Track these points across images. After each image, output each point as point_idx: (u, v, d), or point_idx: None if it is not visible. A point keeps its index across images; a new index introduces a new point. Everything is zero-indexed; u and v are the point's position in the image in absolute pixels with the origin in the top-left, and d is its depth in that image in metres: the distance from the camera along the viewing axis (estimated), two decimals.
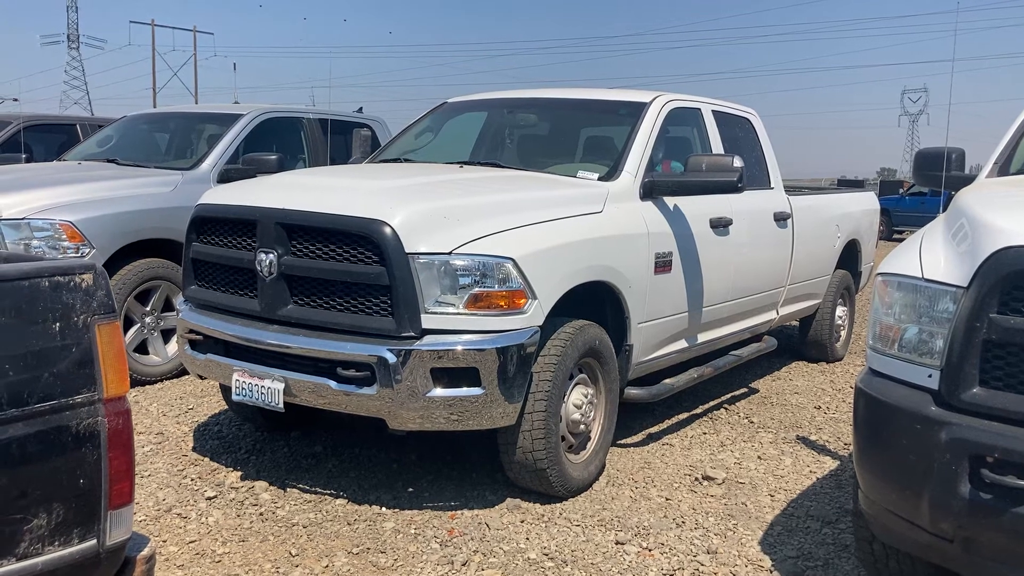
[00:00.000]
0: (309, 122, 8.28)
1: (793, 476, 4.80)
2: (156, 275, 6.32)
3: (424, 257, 3.80)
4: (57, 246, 5.88)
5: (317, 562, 3.63)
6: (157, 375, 6.36)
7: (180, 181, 6.81)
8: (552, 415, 4.11)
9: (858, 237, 7.94)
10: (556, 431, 4.17)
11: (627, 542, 3.87)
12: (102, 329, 1.98)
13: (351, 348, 3.89)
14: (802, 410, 6.14)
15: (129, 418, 2.02)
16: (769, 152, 6.58)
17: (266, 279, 4.13)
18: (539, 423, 4.06)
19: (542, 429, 4.07)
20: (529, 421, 4.06)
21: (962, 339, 2.65)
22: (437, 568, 3.59)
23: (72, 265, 1.95)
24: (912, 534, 2.80)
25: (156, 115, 8.90)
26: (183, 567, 3.57)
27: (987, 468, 2.54)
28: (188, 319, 4.55)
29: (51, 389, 1.89)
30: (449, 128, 6.26)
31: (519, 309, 3.93)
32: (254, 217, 4.19)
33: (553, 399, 4.11)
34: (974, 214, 2.89)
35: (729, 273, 5.61)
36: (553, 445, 4.14)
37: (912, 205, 25.70)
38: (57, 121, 10.86)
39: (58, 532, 1.90)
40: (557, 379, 4.12)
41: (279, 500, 4.24)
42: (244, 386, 4.18)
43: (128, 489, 2.02)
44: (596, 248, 4.42)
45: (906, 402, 2.77)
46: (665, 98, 5.52)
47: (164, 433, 5.18)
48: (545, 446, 4.09)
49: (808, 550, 3.86)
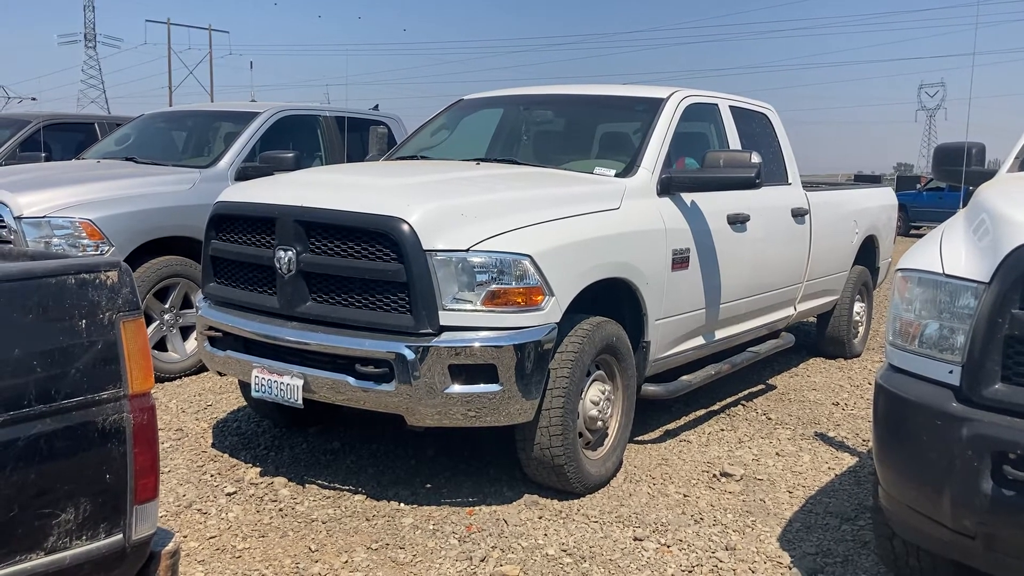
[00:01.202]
0: (326, 120, 8.30)
1: (811, 472, 4.78)
2: (174, 272, 6.37)
3: (442, 254, 3.82)
4: (77, 244, 5.93)
5: (336, 557, 3.65)
6: (176, 372, 6.40)
7: (198, 179, 6.85)
8: (570, 411, 4.12)
9: (876, 233, 7.89)
10: (574, 427, 4.17)
11: (645, 538, 3.87)
12: (127, 326, 2.00)
13: (370, 344, 3.91)
14: (820, 406, 6.12)
15: (154, 414, 2.05)
16: (786, 147, 6.54)
17: (285, 276, 4.15)
18: (556, 419, 4.07)
19: (560, 425, 4.07)
20: (547, 417, 4.06)
21: (984, 335, 2.64)
22: (456, 564, 3.60)
23: (98, 263, 1.97)
24: (933, 531, 2.79)
25: (174, 113, 8.97)
26: (203, 562, 3.60)
27: (1009, 464, 2.53)
28: (207, 316, 4.58)
29: (77, 385, 1.91)
30: (465, 125, 6.27)
31: (536, 306, 3.94)
32: (273, 215, 4.22)
33: (571, 396, 4.11)
34: (995, 209, 2.88)
35: (746, 269, 5.59)
36: (571, 441, 4.14)
37: (930, 200, 25.57)
38: (75, 120, 10.95)
39: (85, 527, 1.93)
40: (575, 376, 4.13)
41: (298, 496, 4.26)
42: (263, 383, 4.20)
43: (153, 484, 2.04)
44: (613, 245, 4.42)
45: (927, 398, 2.76)
46: (682, 94, 5.50)
47: (183, 429, 5.22)
48: (563, 442, 4.09)
49: (827, 547, 3.85)
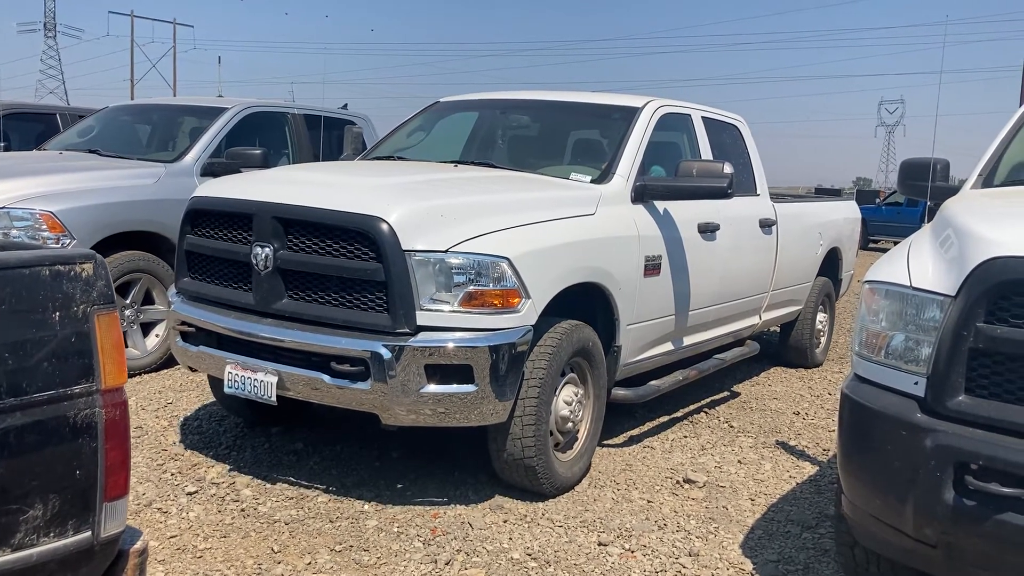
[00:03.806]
0: (294, 117, 8.24)
1: (773, 481, 4.84)
2: (137, 268, 6.28)
3: (420, 254, 3.84)
4: (37, 236, 5.81)
5: (299, 559, 3.62)
6: (136, 369, 6.30)
7: (163, 173, 6.76)
8: (543, 413, 4.16)
9: (839, 245, 8.04)
10: (546, 428, 4.21)
11: (610, 543, 3.88)
12: (101, 319, 1.96)
13: (346, 343, 3.92)
14: (781, 415, 6.19)
15: (126, 409, 2.01)
16: (756, 159, 6.65)
17: (261, 273, 4.15)
18: (530, 420, 4.10)
19: (532, 426, 4.10)
20: (520, 418, 4.10)
21: (949, 347, 2.69)
22: (420, 567, 3.59)
23: (73, 254, 1.93)
24: (895, 540, 2.84)
25: (139, 106, 8.82)
26: (164, 562, 3.54)
27: (971, 475, 2.58)
28: (181, 311, 4.56)
29: (49, 379, 1.87)
30: (441, 127, 6.31)
31: (513, 308, 3.97)
32: (250, 211, 4.22)
33: (544, 397, 4.16)
34: (962, 224, 2.94)
35: (715, 277, 5.68)
36: (543, 442, 4.18)
37: (888, 215, 25.98)
38: (36, 110, 10.73)
39: (53, 524, 1.88)
40: (549, 378, 4.17)
41: (261, 496, 4.22)
42: (237, 379, 4.19)
43: (124, 481, 2.00)
44: (588, 249, 4.47)
45: (892, 408, 2.81)
46: (657, 103, 5.58)
47: (143, 427, 5.14)
48: (535, 443, 4.13)
49: (789, 554, 3.89)
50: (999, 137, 4.12)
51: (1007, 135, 4.14)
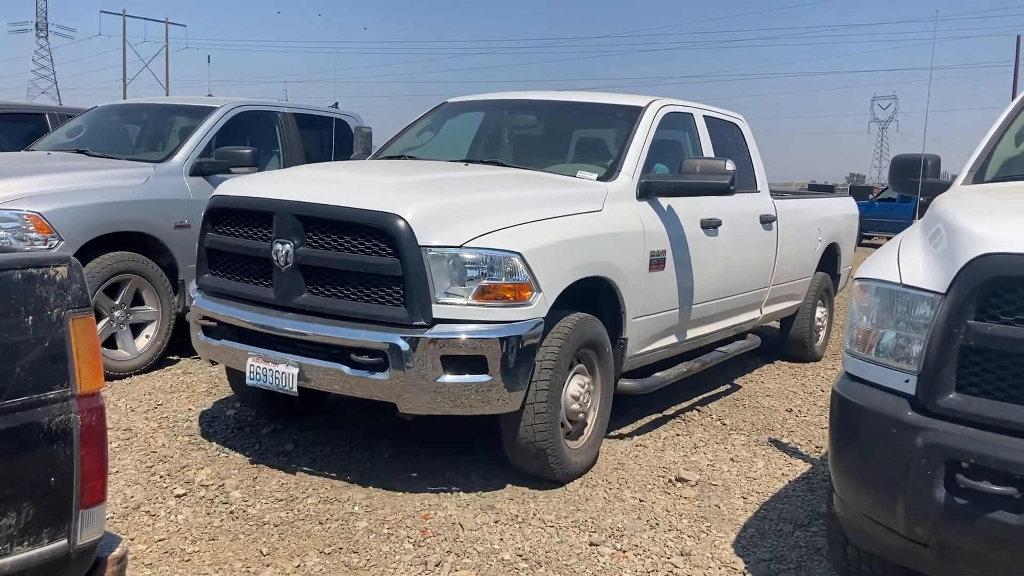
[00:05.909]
0: (284, 116, 8.20)
1: (765, 479, 4.82)
2: (126, 268, 6.23)
3: (436, 250, 3.98)
4: (24, 237, 5.77)
5: (288, 562, 3.59)
6: (126, 370, 6.26)
7: (152, 173, 6.71)
8: (553, 401, 4.29)
9: (838, 240, 8.14)
10: (557, 417, 4.34)
11: (601, 543, 3.86)
12: (76, 323, 1.93)
13: (365, 335, 4.06)
14: (774, 413, 6.18)
15: (103, 415, 1.97)
16: (756, 156, 6.77)
17: (282, 268, 4.29)
18: (541, 408, 4.23)
19: (544, 414, 4.23)
20: (532, 406, 4.23)
21: (939, 345, 2.67)
22: (410, 568, 3.56)
23: (47, 257, 1.89)
24: (887, 538, 2.82)
25: (128, 106, 8.76)
26: (151, 566, 3.51)
27: (962, 473, 2.56)
28: (203, 306, 4.71)
29: (22, 384, 1.83)
30: (449, 127, 6.43)
31: (525, 301, 4.12)
32: (271, 209, 4.35)
33: (554, 386, 4.29)
34: (953, 221, 2.92)
35: (718, 272, 5.79)
36: (554, 428, 4.30)
37: (882, 211, 25.98)
38: (25, 110, 10.62)
39: (27, 532, 1.85)
40: (559, 368, 4.30)
41: (250, 499, 4.19)
42: (259, 371, 4.32)
43: (101, 488, 1.97)
44: (596, 245, 4.62)
45: (883, 407, 2.79)
46: (660, 103, 5.70)
47: (132, 429, 5.10)
48: (547, 430, 4.25)
49: (781, 553, 3.87)
50: (990, 133, 4.10)
51: (998, 131, 4.11)
